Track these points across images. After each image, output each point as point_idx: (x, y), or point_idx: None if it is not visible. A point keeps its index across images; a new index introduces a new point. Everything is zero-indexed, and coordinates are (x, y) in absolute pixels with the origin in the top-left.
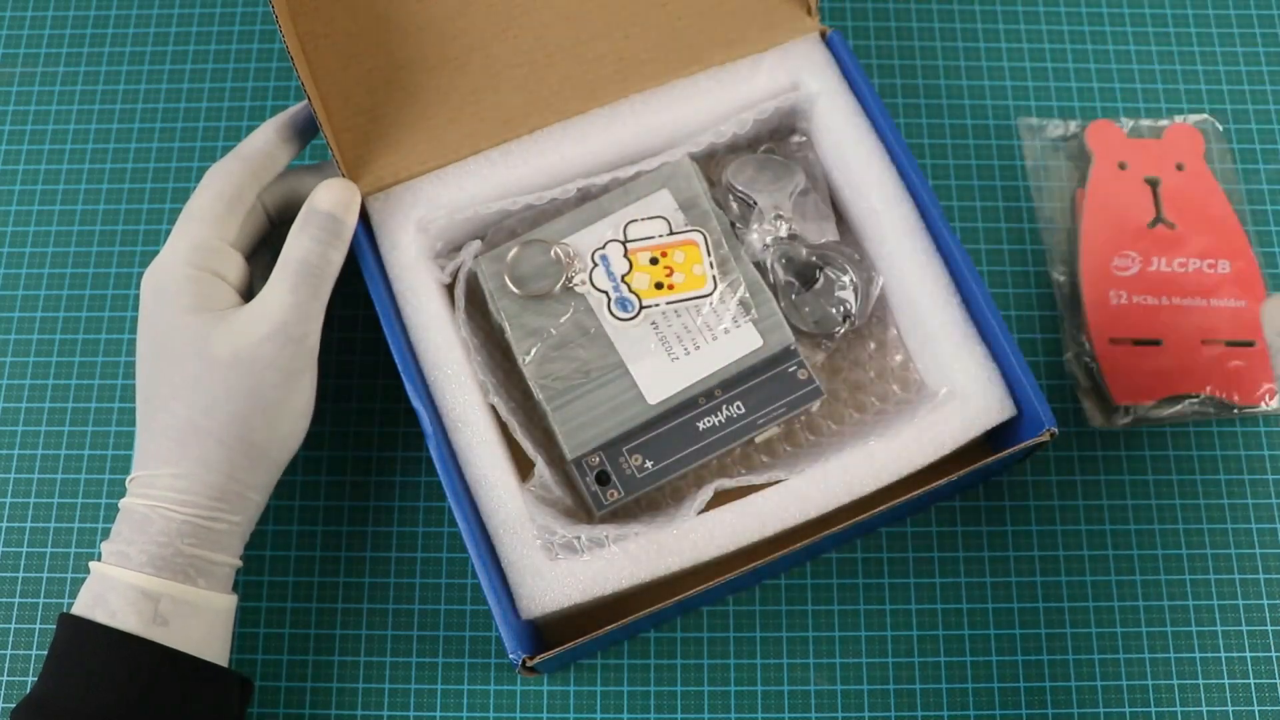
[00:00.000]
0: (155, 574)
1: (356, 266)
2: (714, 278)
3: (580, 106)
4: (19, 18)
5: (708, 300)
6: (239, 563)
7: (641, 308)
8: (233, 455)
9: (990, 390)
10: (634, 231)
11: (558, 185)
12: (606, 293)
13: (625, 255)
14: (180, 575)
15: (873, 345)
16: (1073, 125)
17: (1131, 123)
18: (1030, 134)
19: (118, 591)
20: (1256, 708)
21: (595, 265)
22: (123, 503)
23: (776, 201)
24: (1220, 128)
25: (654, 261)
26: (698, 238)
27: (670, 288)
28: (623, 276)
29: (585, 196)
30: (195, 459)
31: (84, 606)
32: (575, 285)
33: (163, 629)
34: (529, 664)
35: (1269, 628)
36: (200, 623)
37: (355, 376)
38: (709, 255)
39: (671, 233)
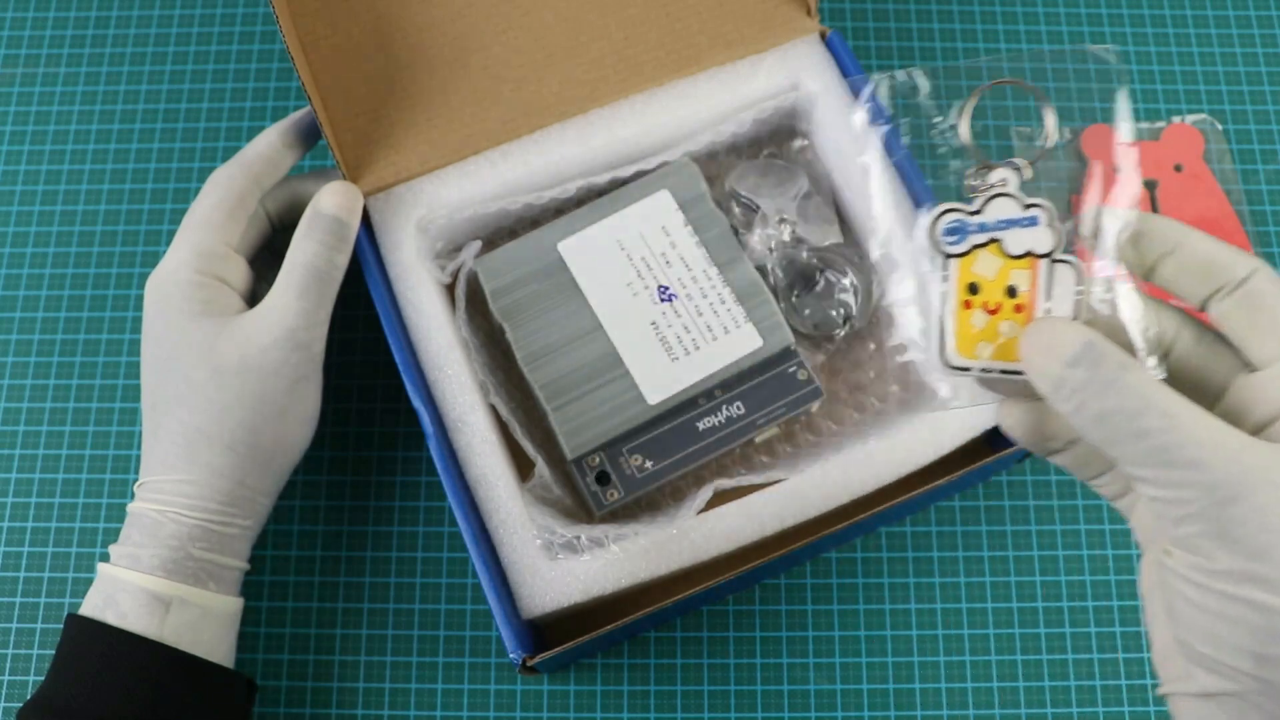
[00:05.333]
0: (167, 577)
1: (357, 267)
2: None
3: (580, 106)
4: (20, 19)
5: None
6: (247, 566)
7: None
8: (241, 461)
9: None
10: None
11: (558, 185)
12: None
13: None
14: (191, 579)
15: (872, 346)
16: (1066, 132)
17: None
18: (1023, 143)
19: (129, 593)
20: None
21: None
22: (131, 507)
23: (780, 206)
24: (1219, 127)
25: None
26: None
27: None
28: None
29: (585, 197)
30: (204, 465)
31: (93, 608)
32: None
33: (173, 632)
34: (529, 664)
35: None
36: (209, 625)
37: (355, 376)
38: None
39: None
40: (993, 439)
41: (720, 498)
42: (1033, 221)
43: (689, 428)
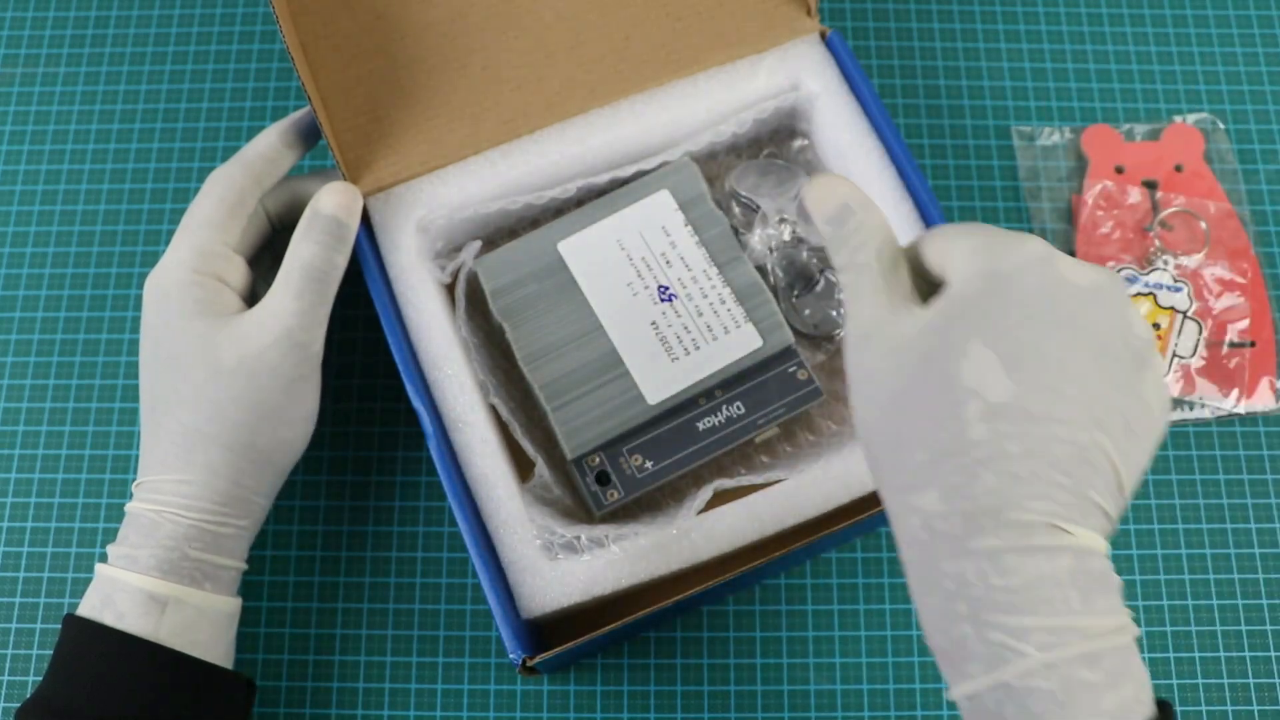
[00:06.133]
0: (163, 578)
1: (357, 267)
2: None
3: (580, 106)
4: (19, 19)
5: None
6: (245, 566)
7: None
8: (238, 461)
9: None
10: None
11: (558, 185)
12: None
13: None
14: (187, 579)
15: None
16: (1067, 132)
17: (1130, 125)
18: (1024, 143)
19: (126, 594)
20: (1256, 708)
21: None
22: (129, 507)
23: (780, 206)
24: (1221, 126)
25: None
26: None
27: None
28: None
29: (585, 197)
30: (201, 465)
31: (91, 608)
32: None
33: (169, 632)
34: (529, 664)
35: (1268, 628)
36: (206, 626)
37: (355, 376)
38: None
39: None
40: None
41: (720, 498)
42: (1179, 289)
43: (689, 428)
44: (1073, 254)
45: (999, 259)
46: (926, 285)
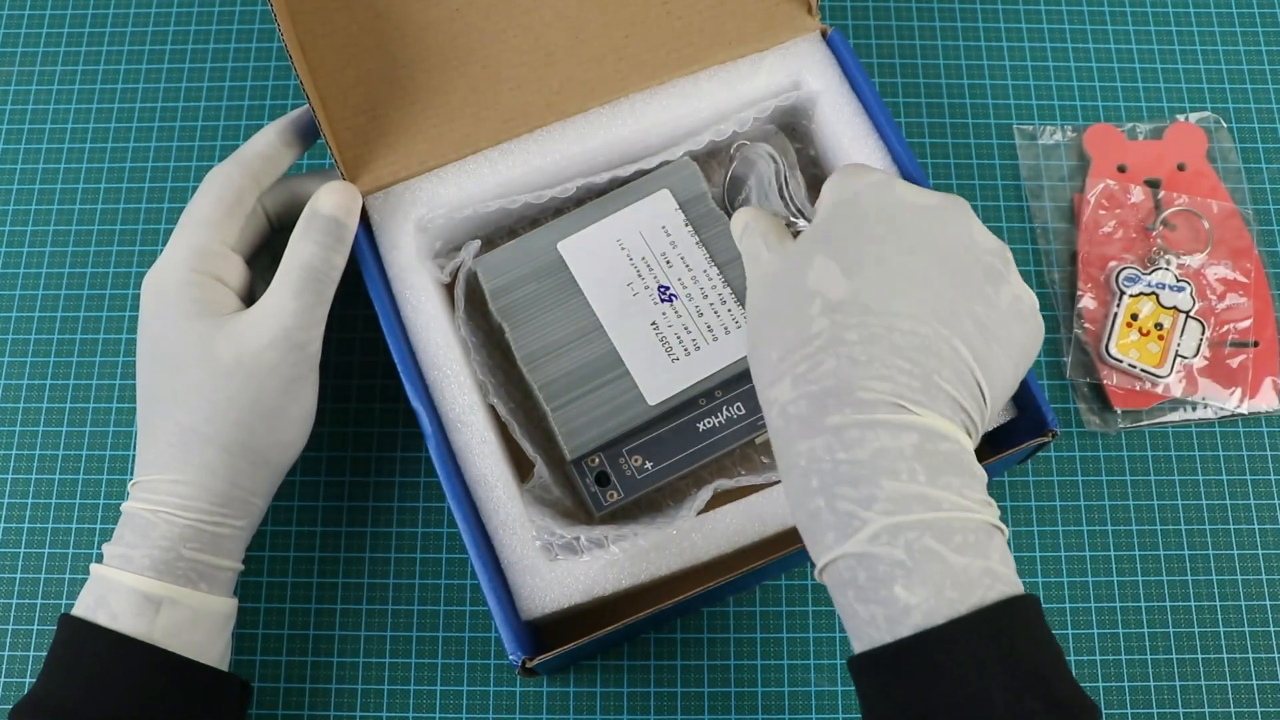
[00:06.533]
0: (157, 578)
1: (356, 266)
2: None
3: (580, 106)
4: (17, 16)
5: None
6: (241, 567)
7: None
8: (235, 461)
9: None
10: None
11: (558, 185)
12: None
13: None
14: (182, 579)
15: None
16: (1069, 130)
17: (1132, 124)
18: (1025, 141)
19: (120, 594)
20: (1259, 709)
21: None
22: (124, 506)
23: (776, 200)
24: (1224, 125)
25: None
26: None
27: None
28: None
29: (585, 196)
30: (198, 465)
31: (85, 608)
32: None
33: (163, 632)
34: (529, 665)
35: (1271, 629)
36: (201, 627)
37: (355, 376)
38: None
39: None
40: (994, 440)
41: (720, 498)
42: (1182, 289)
43: (689, 428)
44: (1074, 254)
45: (842, 189)
46: None
